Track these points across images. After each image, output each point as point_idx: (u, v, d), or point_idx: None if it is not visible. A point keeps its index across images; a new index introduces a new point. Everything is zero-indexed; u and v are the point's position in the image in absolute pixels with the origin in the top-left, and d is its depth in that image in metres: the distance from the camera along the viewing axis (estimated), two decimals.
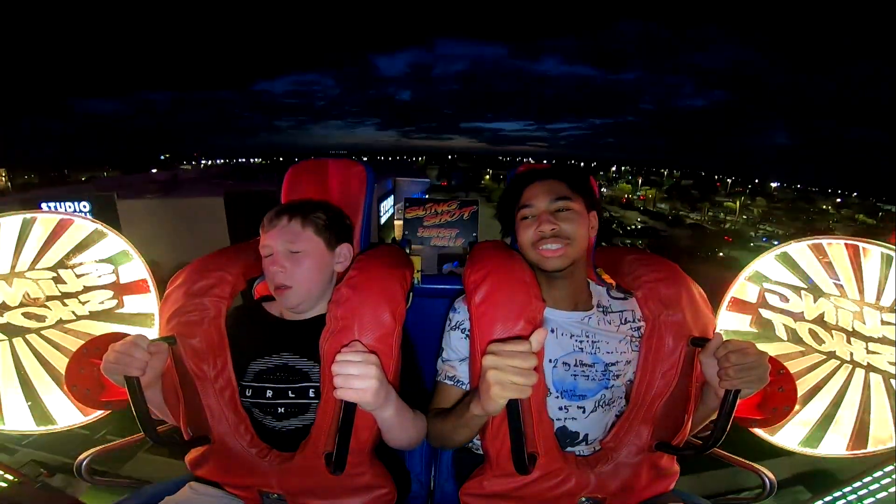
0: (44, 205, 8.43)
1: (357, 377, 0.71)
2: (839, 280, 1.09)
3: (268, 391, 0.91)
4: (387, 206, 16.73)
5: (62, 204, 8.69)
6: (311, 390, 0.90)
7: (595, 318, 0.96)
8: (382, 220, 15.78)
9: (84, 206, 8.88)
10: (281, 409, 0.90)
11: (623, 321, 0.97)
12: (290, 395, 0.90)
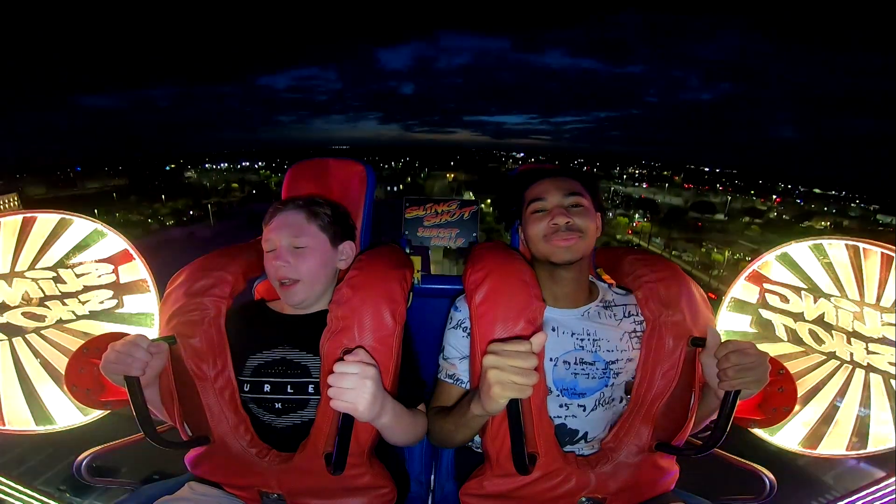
0: None
1: (351, 390, 0.71)
2: (839, 280, 1.09)
3: (266, 386, 0.90)
4: None
5: None
6: (310, 386, 0.90)
7: (595, 310, 0.96)
8: None
9: None
10: (279, 405, 0.90)
11: (626, 314, 0.97)
12: (289, 390, 0.90)
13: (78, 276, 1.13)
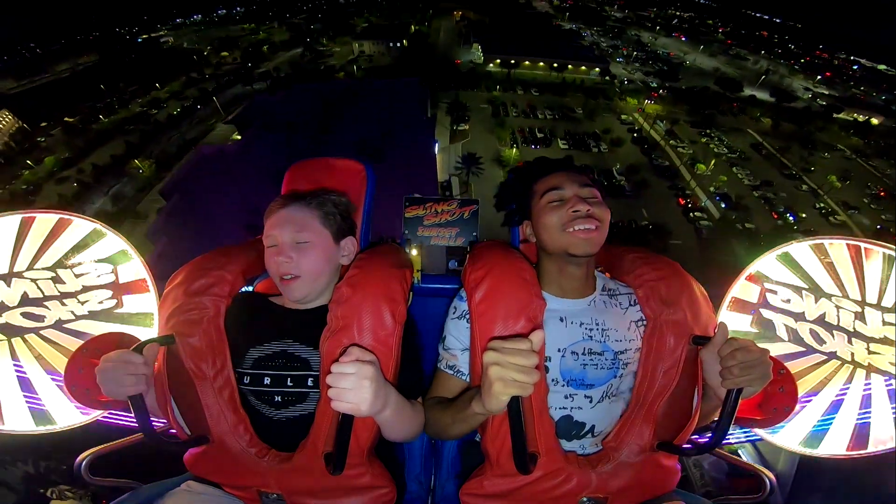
0: None
1: (351, 391, 0.71)
2: (841, 280, 1.09)
3: (265, 378, 0.90)
4: None
5: None
6: (309, 379, 0.90)
7: (601, 299, 0.97)
8: None
9: None
10: (278, 398, 0.90)
11: (631, 303, 0.97)
12: (289, 383, 0.90)
13: (77, 276, 1.13)
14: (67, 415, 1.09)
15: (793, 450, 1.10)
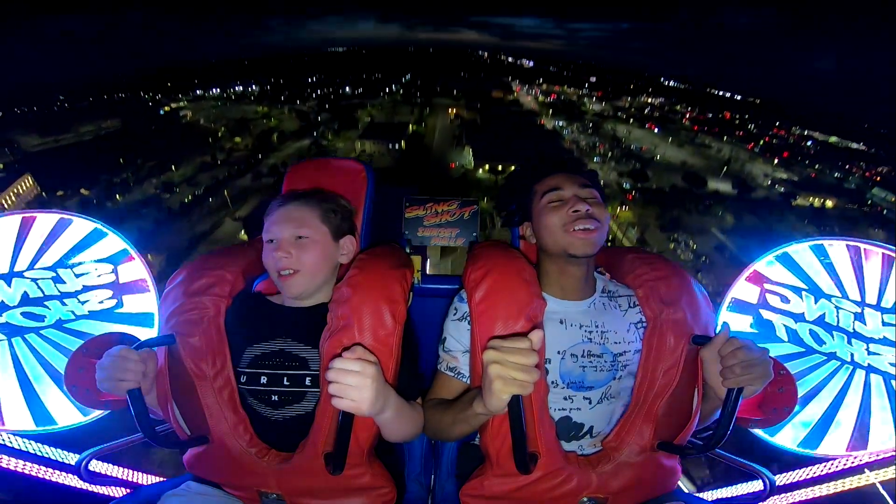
0: None
1: (353, 388, 0.70)
2: (840, 281, 1.09)
3: (262, 377, 0.90)
4: None
5: None
6: (307, 378, 0.90)
7: (600, 301, 0.97)
8: None
9: None
10: (275, 398, 0.89)
11: (631, 305, 0.97)
12: (285, 382, 0.90)
13: (77, 275, 1.13)
14: (67, 415, 1.09)
15: (793, 450, 1.10)
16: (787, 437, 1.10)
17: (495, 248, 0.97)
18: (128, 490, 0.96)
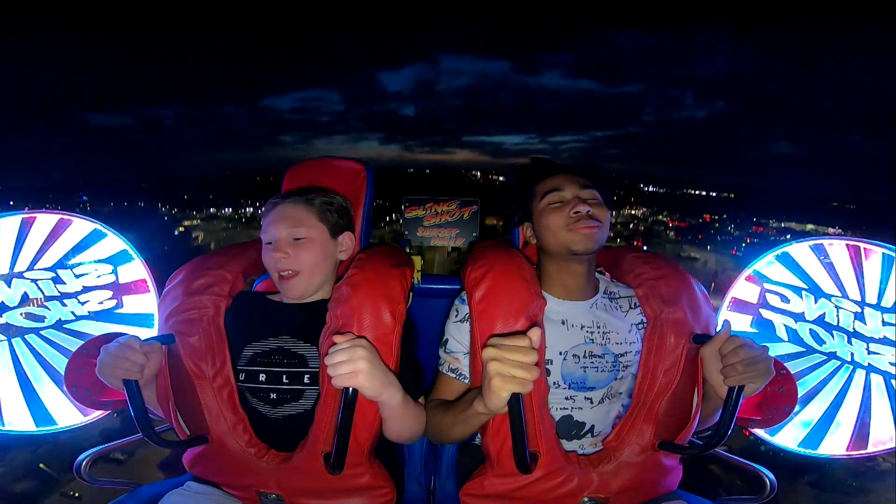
0: None
1: (346, 362, 0.70)
2: (840, 281, 1.09)
3: (261, 375, 0.90)
4: None
5: None
6: (306, 376, 0.89)
7: (602, 301, 0.97)
8: None
9: None
10: (273, 395, 0.89)
11: (632, 306, 0.97)
12: (284, 380, 0.89)
13: (77, 276, 1.13)
14: (67, 415, 1.09)
15: (793, 450, 1.10)
16: (788, 437, 1.10)
17: (495, 247, 0.98)
18: (128, 490, 0.96)
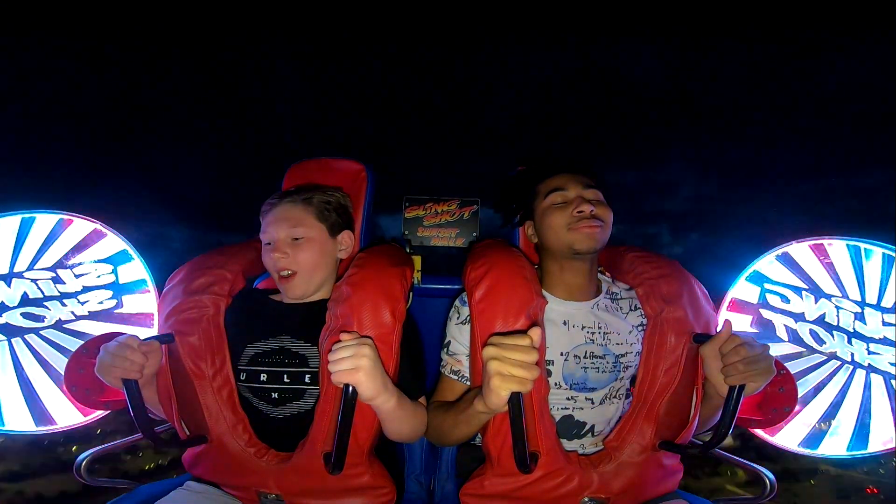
0: None
1: (349, 358, 0.70)
2: (840, 281, 1.09)
3: (262, 375, 0.89)
4: None
5: None
6: (307, 375, 0.89)
7: (604, 302, 0.96)
8: None
9: None
10: (275, 395, 0.89)
11: (632, 307, 0.97)
12: (285, 379, 0.89)
13: (77, 276, 1.13)
14: (67, 415, 1.09)
15: (793, 450, 1.10)
16: (788, 437, 1.10)
17: (495, 246, 0.97)
18: (127, 490, 0.96)
